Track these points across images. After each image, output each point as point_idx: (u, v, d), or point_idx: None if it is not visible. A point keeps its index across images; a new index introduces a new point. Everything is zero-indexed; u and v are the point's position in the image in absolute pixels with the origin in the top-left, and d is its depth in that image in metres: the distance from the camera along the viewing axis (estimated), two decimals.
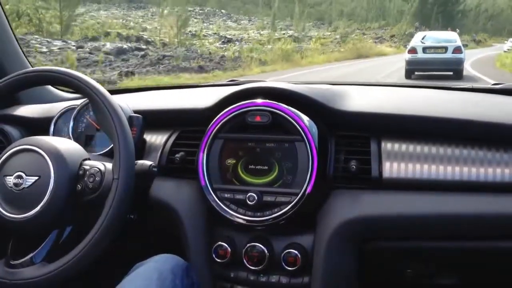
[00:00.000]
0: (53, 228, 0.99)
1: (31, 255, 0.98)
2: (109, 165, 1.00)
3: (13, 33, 1.58)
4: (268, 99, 1.10)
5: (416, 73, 12.80)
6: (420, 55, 12.74)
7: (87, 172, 0.99)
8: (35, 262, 0.97)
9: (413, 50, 12.93)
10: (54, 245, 1.00)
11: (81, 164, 1.01)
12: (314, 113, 1.10)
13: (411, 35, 38.49)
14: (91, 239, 0.93)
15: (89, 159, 1.04)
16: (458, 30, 38.24)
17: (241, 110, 1.10)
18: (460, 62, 12.33)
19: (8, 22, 1.56)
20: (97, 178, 0.98)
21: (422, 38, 13.76)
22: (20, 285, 0.95)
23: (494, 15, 56.56)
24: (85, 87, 1.02)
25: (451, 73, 12.36)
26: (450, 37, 13.81)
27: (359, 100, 1.19)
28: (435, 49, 12.79)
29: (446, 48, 12.68)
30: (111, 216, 0.93)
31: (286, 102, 1.09)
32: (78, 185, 0.99)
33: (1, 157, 1.01)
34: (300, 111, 1.08)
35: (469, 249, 1.05)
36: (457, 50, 12.54)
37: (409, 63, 12.65)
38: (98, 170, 0.99)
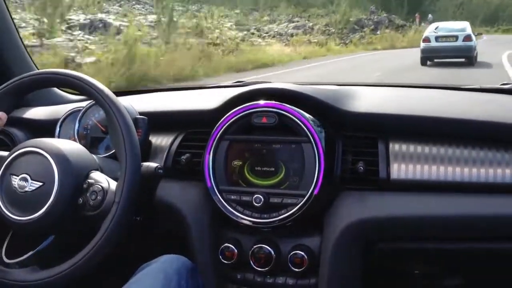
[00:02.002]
0: (49, 234, 1.01)
1: (25, 256, 1.00)
2: (113, 185, 1.00)
3: (19, 36, 1.62)
4: (274, 100, 1.12)
5: (430, 61, 14.28)
6: (433, 43, 14.25)
7: (91, 188, 1.00)
8: (28, 265, 0.99)
9: (427, 39, 14.42)
10: (47, 251, 1.01)
11: (87, 176, 1.02)
12: (321, 114, 1.13)
13: (359, 24, 28.48)
14: (85, 255, 0.95)
15: (96, 169, 1.05)
16: (431, 16, 32.85)
17: (247, 112, 1.13)
18: (470, 49, 13.75)
19: (14, 25, 1.60)
20: (99, 197, 0.98)
21: (435, 28, 15.28)
22: (15, 286, 0.97)
23: (465, 2, 51.57)
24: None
25: (463, 59, 13.73)
26: (461, 26, 15.23)
27: (366, 101, 1.21)
28: (447, 37, 14.21)
29: (456, 37, 14.12)
30: (106, 238, 0.95)
31: (292, 103, 1.11)
32: (80, 199, 0.99)
33: (11, 155, 1.03)
34: (306, 112, 1.10)
35: (478, 250, 1.07)
36: (467, 38, 14.01)
37: (423, 51, 14.19)
38: (101, 188, 0.99)
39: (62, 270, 0.95)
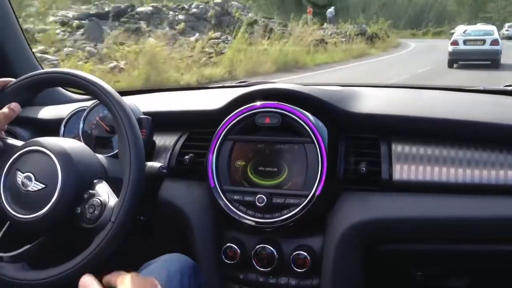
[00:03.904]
0: (43, 235, 1.03)
1: (17, 252, 1.02)
2: (113, 201, 1.01)
3: (24, 36, 1.67)
4: (278, 101, 1.15)
5: (457, 64, 14.93)
6: (461, 46, 14.93)
7: (90, 201, 1.00)
8: (19, 261, 1.01)
9: (455, 43, 15.08)
10: (39, 251, 1.03)
11: (89, 185, 1.04)
12: (324, 115, 1.15)
13: (158, 17, 13.40)
14: (73, 266, 0.97)
15: (100, 178, 1.06)
16: (332, 11, 24.98)
17: (250, 112, 1.16)
18: (497, 53, 14.53)
19: (20, 25, 1.65)
20: (96, 212, 0.99)
21: (463, 32, 15.77)
22: (3, 280, 1.00)
23: (388, 3, 46.97)
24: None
25: (489, 62, 14.37)
26: (488, 30, 15.87)
27: (369, 102, 1.24)
28: (474, 41, 14.88)
29: (484, 41, 14.78)
30: (96, 254, 0.97)
31: (296, 103, 1.14)
32: (78, 208, 1.01)
33: (20, 150, 1.05)
34: (310, 112, 1.13)
35: (480, 252, 1.10)
36: (495, 42, 14.72)
37: (451, 53, 14.92)
38: (99, 203, 1.00)
39: (49, 276, 0.97)
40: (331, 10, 26.31)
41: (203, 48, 12.83)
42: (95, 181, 1.05)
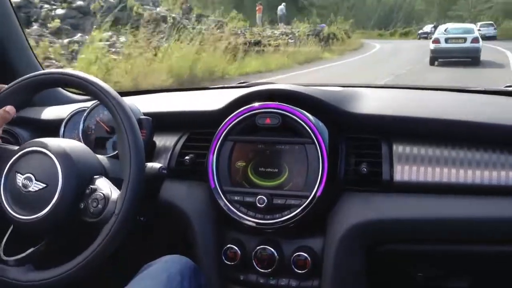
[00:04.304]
0: (47, 235, 1.03)
1: (21, 255, 1.01)
2: (115, 194, 1.01)
3: (25, 36, 1.67)
4: (279, 101, 1.15)
5: (439, 60, 15.29)
6: (443, 44, 15.29)
7: (92, 195, 1.00)
8: (23, 264, 1.01)
9: (436, 41, 15.46)
10: (44, 251, 1.03)
11: (90, 181, 1.03)
12: (325, 115, 1.15)
13: None
14: (79, 263, 0.97)
15: (101, 173, 1.07)
16: (282, 8, 22.20)
17: (251, 112, 1.16)
18: (477, 50, 15.00)
19: (20, 25, 1.64)
20: (100, 206, 0.99)
21: (445, 30, 16.17)
22: (9, 284, 0.99)
23: (357, 4, 45.94)
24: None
25: (470, 59, 14.82)
26: (469, 28, 16.47)
27: (370, 102, 1.24)
28: (456, 39, 15.22)
29: (465, 39, 15.19)
30: (101, 248, 0.97)
31: (296, 104, 1.14)
32: (81, 204, 1.01)
33: (18, 152, 1.05)
34: (310, 113, 1.13)
35: (481, 253, 1.09)
36: (475, 40, 15.19)
37: (433, 51, 15.29)
38: (102, 196, 1.00)
39: (54, 276, 0.97)
40: (281, 7, 23.09)
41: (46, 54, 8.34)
42: (95, 176, 1.05)
